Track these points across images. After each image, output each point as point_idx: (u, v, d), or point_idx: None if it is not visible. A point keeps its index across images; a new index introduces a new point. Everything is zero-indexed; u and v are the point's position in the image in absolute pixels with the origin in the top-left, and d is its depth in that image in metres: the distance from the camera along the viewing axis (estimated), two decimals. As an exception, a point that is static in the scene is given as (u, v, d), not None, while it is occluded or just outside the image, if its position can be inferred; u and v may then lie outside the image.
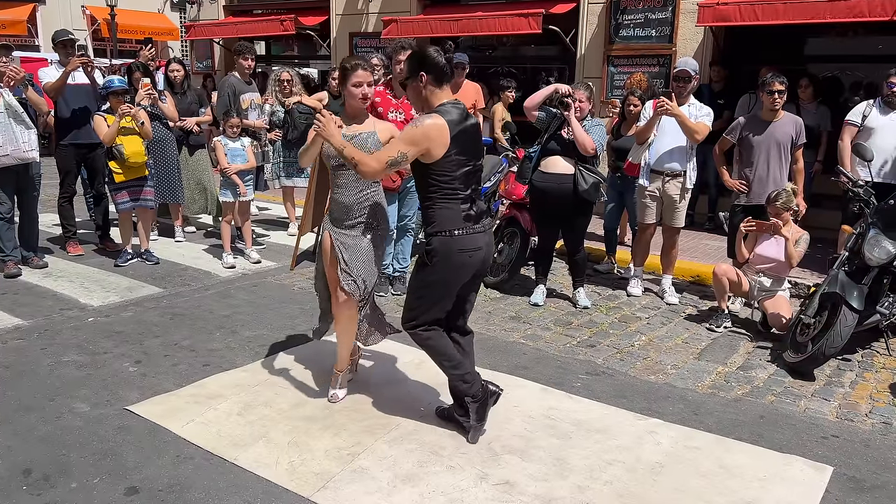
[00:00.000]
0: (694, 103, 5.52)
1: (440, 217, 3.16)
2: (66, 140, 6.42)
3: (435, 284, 3.25)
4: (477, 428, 3.37)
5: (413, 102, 3.32)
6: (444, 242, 3.16)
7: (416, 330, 3.33)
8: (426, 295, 3.28)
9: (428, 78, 3.12)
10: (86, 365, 4.16)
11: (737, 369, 4.45)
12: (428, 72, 3.12)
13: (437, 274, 3.21)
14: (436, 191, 3.15)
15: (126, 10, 19.38)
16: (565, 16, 9.00)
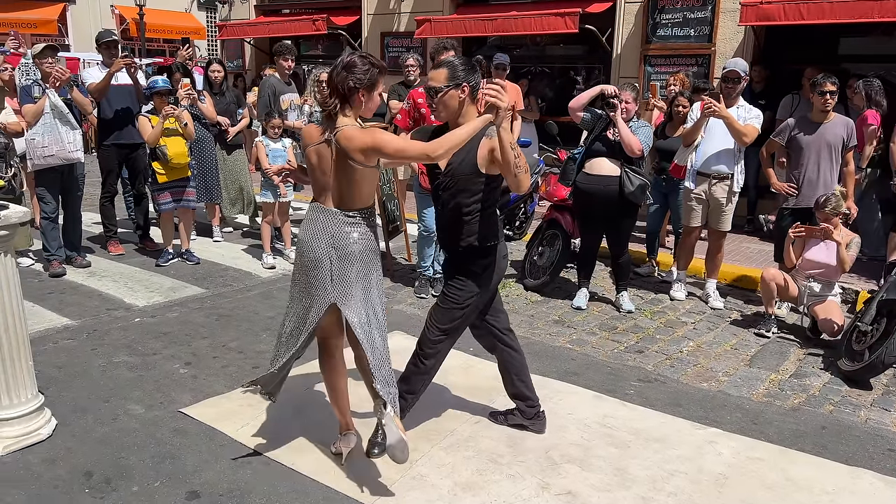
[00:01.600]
0: (743, 105, 5.42)
1: (483, 227, 3.12)
2: (108, 140, 6.46)
3: (480, 295, 3.21)
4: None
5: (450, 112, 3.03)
6: (488, 251, 3.15)
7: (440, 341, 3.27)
8: (470, 306, 3.21)
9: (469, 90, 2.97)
10: (137, 366, 4.18)
11: (790, 377, 4.37)
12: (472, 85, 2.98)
13: (485, 284, 3.18)
14: (489, 202, 3.12)
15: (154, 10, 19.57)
16: (601, 15, 8.92)
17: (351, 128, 2.83)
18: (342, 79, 2.83)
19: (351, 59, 2.87)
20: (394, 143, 2.84)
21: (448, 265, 3.29)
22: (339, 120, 2.85)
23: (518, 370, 3.48)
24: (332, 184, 2.91)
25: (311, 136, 2.95)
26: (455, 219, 3.13)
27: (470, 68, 3.00)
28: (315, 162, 2.93)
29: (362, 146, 2.80)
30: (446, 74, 2.97)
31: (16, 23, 17.43)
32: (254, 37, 12.85)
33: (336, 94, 2.85)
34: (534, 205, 7.78)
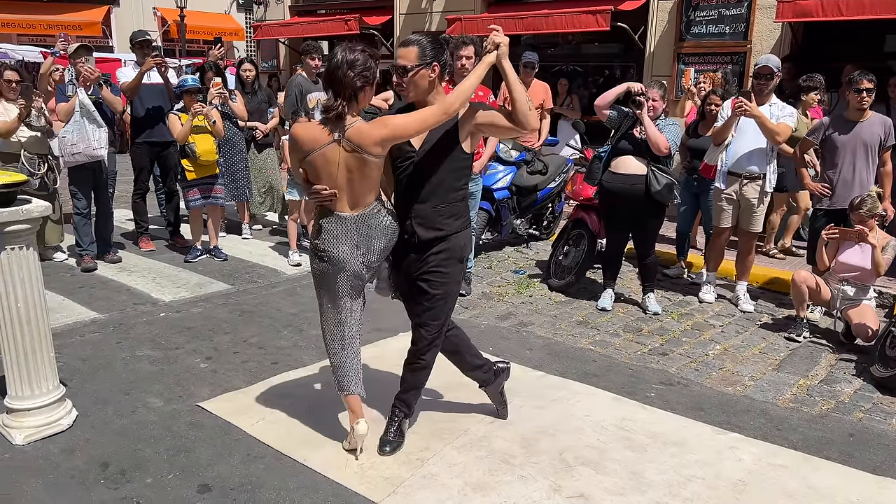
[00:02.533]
0: (776, 102, 5.28)
1: (463, 210, 3.12)
2: (140, 138, 6.59)
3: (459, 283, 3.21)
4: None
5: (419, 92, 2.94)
6: (467, 236, 3.15)
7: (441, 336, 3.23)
8: (456, 294, 3.22)
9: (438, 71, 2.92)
10: (159, 360, 4.24)
11: (820, 382, 4.23)
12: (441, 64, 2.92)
13: (460, 271, 3.16)
14: (465, 182, 3.12)
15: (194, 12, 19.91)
16: (634, 12, 8.79)
17: (360, 123, 2.82)
18: (350, 78, 2.80)
19: (353, 57, 2.82)
20: (411, 122, 2.81)
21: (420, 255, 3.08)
22: (348, 119, 2.83)
23: (468, 345, 3.44)
24: (343, 185, 2.89)
25: (313, 139, 2.86)
26: (433, 201, 2.99)
27: (439, 47, 2.93)
28: (321, 166, 2.87)
29: (379, 138, 2.79)
30: (416, 53, 2.87)
31: (62, 25, 17.93)
32: (288, 37, 12.99)
33: (344, 94, 2.81)
34: (561, 204, 7.70)
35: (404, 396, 3.30)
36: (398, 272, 3.23)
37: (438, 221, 3.03)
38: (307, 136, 2.88)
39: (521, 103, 2.85)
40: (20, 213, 3.11)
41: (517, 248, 7.28)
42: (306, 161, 2.91)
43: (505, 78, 2.89)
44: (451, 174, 3.01)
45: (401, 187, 3.06)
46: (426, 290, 3.10)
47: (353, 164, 2.84)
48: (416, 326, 3.20)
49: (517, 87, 2.87)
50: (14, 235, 3.13)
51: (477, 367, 3.45)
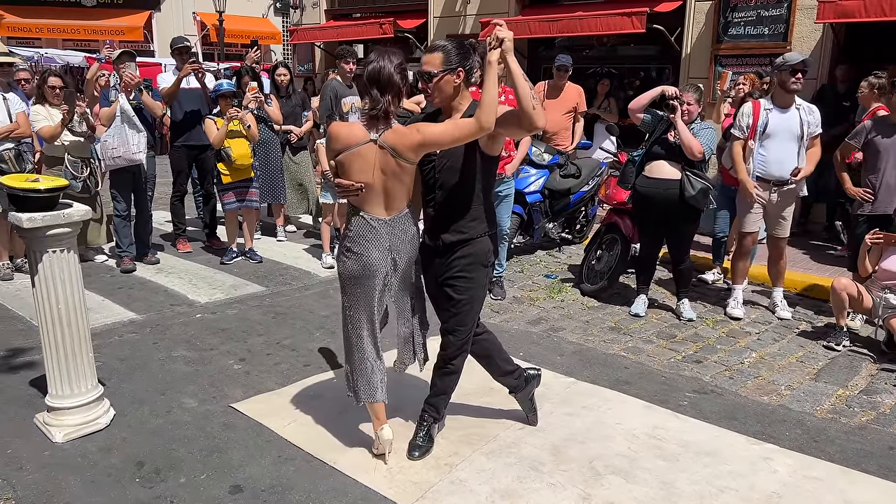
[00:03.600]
0: (802, 105, 5.15)
1: (488, 215, 3.09)
2: (178, 141, 6.72)
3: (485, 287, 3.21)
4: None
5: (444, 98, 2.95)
6: (490, 241, 3.12)
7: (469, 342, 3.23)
8: (482, 299, 3.21)
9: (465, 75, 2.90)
10: (194, 361, 4.32)
11: (859, 393, 4.13)
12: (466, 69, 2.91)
13: (485, 277, 3.15)
14: (489, 185, 3.08)
15: (233, 16, 20.24)
16: (670, 14, 8.68)
17: (398, 126, 2.85)
18: (396, 78, 2.82)
19: (400, 61, 2.87)
20: (446, 133, 2.80)
21: (445, 260, 3.08)
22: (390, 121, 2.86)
23: (500, 350, 3.42)
24: (378, 188, 2.90)
25: (351, 136, 2.87)
26: (456, 204, 3.00)
27: (464, 52, 2.91)
28: (358, 166, 2.87)
29: (412, 144, 2.81)
30: (441, 59, 2.88)
31: (105, 30, 18.39)
32: (323, 41, 13.11)
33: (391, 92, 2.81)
34: (594, 208, 7.64)
35: (433, 401, 3.31)
36: (427, 276, 3.23)
37: (461, 225, 3.03)
38: (345, 134, 2.90)
39: (525, 100, 2.74)
40: (62, 217, 3.20)
41: (549, 252, 7.24)
42: (339, 159, 2.92)
43: (510, 75, 2.80)
44: (471, 177, 2.98)
45: (424, 190, 3.08)
46: (452, 295, 3.10)
47: (388, 167, 2.86)
48: (445, 332, 3.21)
49: (521, 84, 2.74)
50: (56, 239, 3.21)
51: (507, 372, 3.43)
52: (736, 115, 5.43)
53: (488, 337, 3.39)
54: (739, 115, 5.29)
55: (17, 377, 4.03)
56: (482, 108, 2.74)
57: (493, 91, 2.74)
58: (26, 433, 3.41)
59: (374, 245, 2.95)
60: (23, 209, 3.16)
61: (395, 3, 12.38)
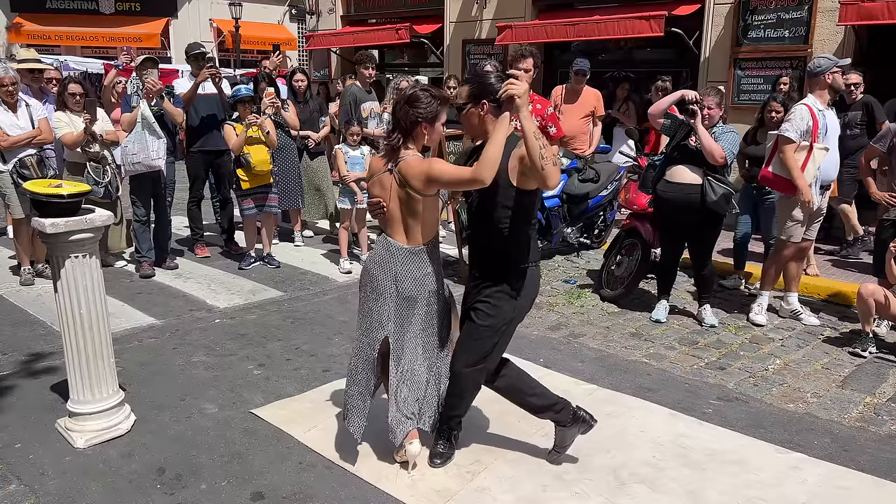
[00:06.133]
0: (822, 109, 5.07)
1: (522, 245, 2.98)
2: (195, 147, 6.74)
3: (514, 321, 3.05)
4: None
5: (468, 130, 3.04)
6: (531, 273, 3.01)
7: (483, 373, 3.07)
8: (506, 333, 3.05)
9: (489, 107, 2.88)
10: (213, 366, 4.31)
11: (888, 401, 4.05)
12: (491, 101, 2.86)
13: (519, 308, 3.02)
14: (524, 219, 2.95)
15: (249, 23, 20.38)
16: (689, 17, 8.63)
17: (412, 157, 2.91)
18: (405, 113, 2.92)
19: (414, 94, 2.92)
20: (447, 172, 2.86)
21: (476, 289, 3.07)
22: (402, 152, 2.92)
23: (528, 384, 3.21)
24: (397, 215, 2.98)
25: (376, 166, 3.05)
26: (489, 236, 2.99)
27: (489, 85, 2.87)
28: (378, 193, 3.02)
29: (419, 174, 2.86)
30: (467, 91, 2.95)
31: (123, 37, 18.57)
32: (339, 46, 13.15)
33: (399, 127, 2.94)
34: (613, 213, 7.58)
35: (450, 413, 3.22)
36: (462, 306, 3.21)
37: (494, 256, 3.02)
38: (374, 163, 3.09)
39: (535, 160, 2.68)
40: (84, 223, 3.20)
41: (568, 258, 7.19)
42: (369, 183, 3.11)
43: (522, 135, 2.72)
44: (503, 209, 2.92)
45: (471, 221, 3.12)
46: (472, 319, 3.04)
47: (402, 196, 2.94)
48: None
49: (532, 144, 2.67)
50: (78, 244, 3.22)
51: (545, 407, 3.18)
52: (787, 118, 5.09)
53: (508, 371, 3.20)
54: (794, 118, 4.96)
55: (38, 382, 4.04)
56: (481, 162, 2.73)
57: (494, 147, 2.72)
58: (48, 438, 3.42)
59: (380, 266, 3.02)
60: (46, 214, 3.17)
61: (410, 8, 12.42)
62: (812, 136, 4.92)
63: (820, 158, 4.97)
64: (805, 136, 4.92)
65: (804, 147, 4.92)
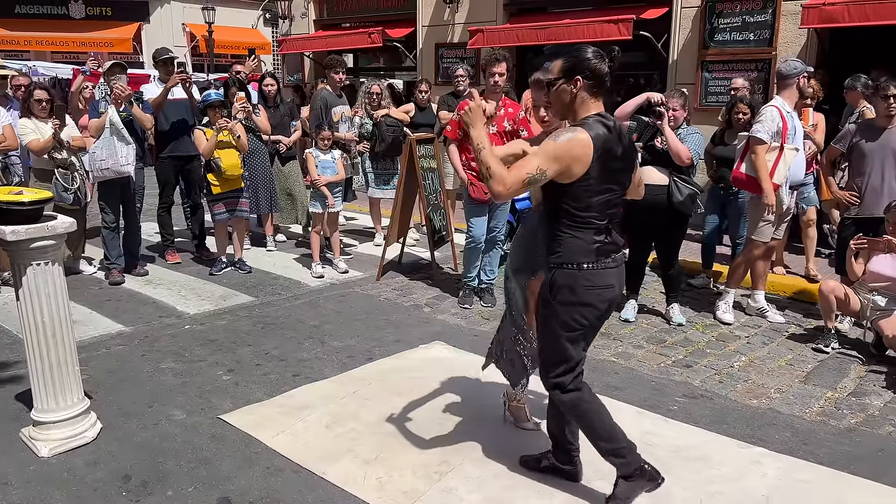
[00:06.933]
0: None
1: (567, 247, 2.68)
2: (165, 152, 6.69)
3: (563, 326, 2.77)
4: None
5: (556, 109, 2.82)
6: (569, 276, 2.70)
7: (563, 383, 2.84)
8: (557, 339, 2.81)
9: (584, 83, 2.64)
10: (182, 372, 4.29)
11: (848, 395, 4.14)
12: (586, 77, 2.64)
13: (562, 314, 2.75)
14: (566, 217, 2.67)
15: (222, 27, 20.27)
16: (656, 21, 8.75)
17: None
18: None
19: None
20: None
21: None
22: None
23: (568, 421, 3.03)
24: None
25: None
26: (543, 233, 2.83)
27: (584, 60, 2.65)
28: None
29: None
30: (560, 65, 2.69)
31: (94, 42, 18.35)
32: (312, 51, 13.13)
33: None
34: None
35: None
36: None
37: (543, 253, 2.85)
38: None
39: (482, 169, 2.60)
40: (46, 230, 3.18)
41: (540, 259, 7.23)
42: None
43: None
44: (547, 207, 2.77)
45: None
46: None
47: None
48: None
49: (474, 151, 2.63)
50: (40, 251, 3.19)
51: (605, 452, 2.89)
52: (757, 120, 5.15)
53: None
54: (765, 119, 5.02)
55: (2, 391, 4.00)
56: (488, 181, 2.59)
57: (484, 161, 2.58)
58: (11, 448, 3.38)
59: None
60: (7, 222, 3.14)
61: (383, 12, 12.44)
62: (782, 138, 5.03)
63: (791, 159, 5.08)
64: (776, 137, 5.01)
65: (775, 148, 5.02)
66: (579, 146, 2.57)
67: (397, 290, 6.10)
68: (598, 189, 2.62)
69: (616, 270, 2.77)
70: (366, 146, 7.37)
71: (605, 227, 2.71)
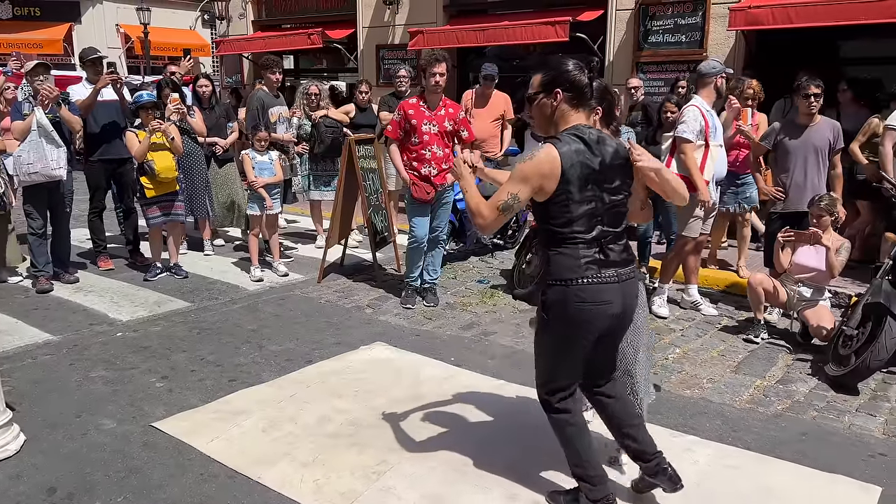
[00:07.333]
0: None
1: (555, 264, 2.63)
2: (95, 156, 6.47)
3: (555, 343, 2.73)
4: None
5: (538, 123, 2.77)
6: (559, 292, 2.63)
7: (550, 401, 2.82)
8: (548, 356, 2.80)
9: (564, 96, 2.61)
10: (113, 381, 4.16)
11: (776, 383, 4.29)
12: (566, 89, 2.61)
13: (554, 331, 2.71)
14: (551, 234, 2.64)
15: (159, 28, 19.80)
16: (593, 23, 8.91)
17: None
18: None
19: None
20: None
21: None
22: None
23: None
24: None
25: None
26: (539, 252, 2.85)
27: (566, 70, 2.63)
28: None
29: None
30: (539, 79, 2.66)
31: (23, 43, 17.68)
32: (251, 52, 12.93)
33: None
34: (526, 214, 7.73)
35: None
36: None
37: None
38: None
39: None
40: (-40, 234, 3.04)
41: (482, 258, 7.29)
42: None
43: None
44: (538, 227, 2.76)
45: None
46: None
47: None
48: None
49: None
50: (-46, 257, 3.05)
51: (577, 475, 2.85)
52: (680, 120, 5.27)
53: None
54: (688, 119, 5.14)
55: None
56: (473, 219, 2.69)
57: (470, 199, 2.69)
58: (-73, 464, 3.22)
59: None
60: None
61: (323, 13, 12.33)
62: (705, 136, 5.17)
63: (717, 156, 5.24)
64: (700, 136, 5.15)
65: (701, 146, 5.16)
66: (547, 163, 2.53)
67: (339, 293, 6.05)
68: (578, 203, 2.57)
69: (618, 286, 2.64)
70: (305, 147, 7.29)
71: (596, 240, 2.62)
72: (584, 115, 2.66)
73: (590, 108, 2.69)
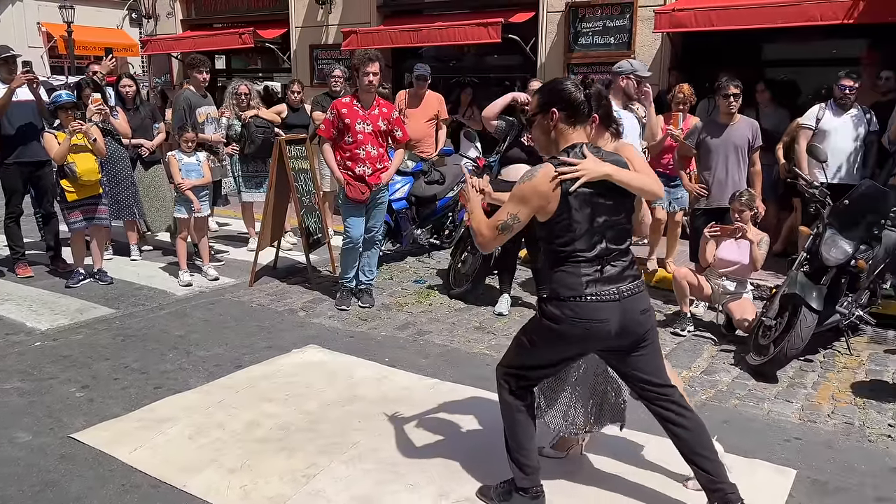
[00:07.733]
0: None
1: (558, 282, 2.65)
2: (10, 159, 6.17)
3: (540, 347, 2.78)
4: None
5: (540, 144, 2.79)
6: (556, 307, 2.65)
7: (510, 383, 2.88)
8: (528, 353, 2.84)
9: (560, 115, 2.62)
10: (29, 392, 3.98)
11: (701, 373, 4.42)
12: (561, 108, 2.62)
13: (544, 336, 2.73)
14: (553, 254, 2.67)
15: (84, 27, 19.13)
16: (525, 24, 9.02)
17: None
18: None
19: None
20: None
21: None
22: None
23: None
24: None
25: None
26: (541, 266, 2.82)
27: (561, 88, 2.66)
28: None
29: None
30: (536, 101, 2.71)
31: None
32: (180, 51, 12.60)
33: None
34: (462, 213, 7.76)
35: None
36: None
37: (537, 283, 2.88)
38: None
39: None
40: None
41: (419, 259, 7.29)
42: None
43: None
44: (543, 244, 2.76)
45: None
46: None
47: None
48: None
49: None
50: None
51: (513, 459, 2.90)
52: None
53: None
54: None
55: None
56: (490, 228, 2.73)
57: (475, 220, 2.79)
58: None
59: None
60: None
61: (255, 12, 12.11)
62: None
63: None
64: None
65: None
66: (545, 183, 2.54)
67: (271, 296, 5.95)
68: (579, 222, 2.58)
69: (617, 304, 2.62)
70: (235, 148, 7.14)
71: (598, 258, 2.62)
72: (584, 133, 2.68)
73: (588, 124, 2.70)
